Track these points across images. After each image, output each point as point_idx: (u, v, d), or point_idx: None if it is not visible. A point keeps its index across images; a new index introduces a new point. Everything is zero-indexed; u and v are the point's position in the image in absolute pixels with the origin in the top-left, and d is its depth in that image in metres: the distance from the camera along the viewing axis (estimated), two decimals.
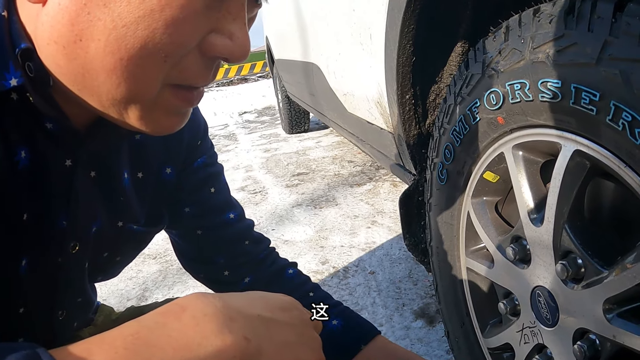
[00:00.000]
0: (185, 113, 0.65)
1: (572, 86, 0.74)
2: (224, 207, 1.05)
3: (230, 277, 1.07)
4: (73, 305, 0.82)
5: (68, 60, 0.55)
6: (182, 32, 0.54)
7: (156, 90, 0.58)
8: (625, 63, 0.66)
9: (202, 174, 1.00)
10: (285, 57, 4.17)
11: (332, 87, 2.36)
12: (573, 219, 0.84)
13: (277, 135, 6.45)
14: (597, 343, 0.83)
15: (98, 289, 2.51)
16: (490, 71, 0.93)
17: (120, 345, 0.46)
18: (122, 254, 0.89)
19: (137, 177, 0.86)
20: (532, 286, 0.95)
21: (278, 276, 1.09)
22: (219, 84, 17.03)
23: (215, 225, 1.03)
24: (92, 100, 0.58)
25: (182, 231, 1.04)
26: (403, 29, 1.22)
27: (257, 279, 1.07)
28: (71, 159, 0.69)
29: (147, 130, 0.62)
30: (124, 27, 0.52)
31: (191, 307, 0.52)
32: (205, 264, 1.08)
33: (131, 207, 0.85)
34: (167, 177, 0.93)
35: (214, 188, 1.03)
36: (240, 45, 0.59)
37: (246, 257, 1.07)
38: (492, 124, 0.96)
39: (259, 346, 0.53)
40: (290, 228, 3.09)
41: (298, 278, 1.10)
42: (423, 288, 2.18)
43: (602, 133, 0.71)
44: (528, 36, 0.84)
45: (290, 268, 1.11)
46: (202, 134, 0.99)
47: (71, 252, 0.74)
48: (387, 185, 3.60)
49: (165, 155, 0.91)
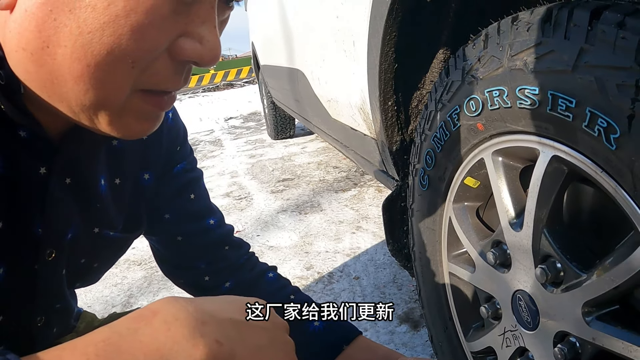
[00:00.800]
0: (157, 117, 0.64)
1: (549, 93, 0.75)
2: (204, 213, 1.05)
3: (211, 282, 1.07)
4: (52, 312, 0.82)
5: (36, 66, 0.55)
6: (148, 38, 0.54)
7: (124, 95, 0.57)
8: (601, 70, 0.67)
9: (181, 179, 1.00)
10: (271, 63, 4.17)
11: (317, 93, 2.36)
12: (552, 223, 0.85)
13: (263, 141, 6.45)
14: (578, 346, 0.84)
15: (83, 295, 2.51)
16: (470, 78, 0.94)
17: (91, 351, 0.46)
18: (100, 260, 0.89)
19: (115, 184, 0.85)
20: (512, 290, 0.96)
21: (258, 280, 1.09)
22: (205, 89, 16.99)
23: (195, 231, 1.03)
24: (62, 107, 0.58)
25: (162, 237, 1.03)
26: (385, 36, 1.23)
27: (237, 284, 1.07)
28: (46, 167, 0.68)
29: (118, 135, 0.61)
30: (89, 33, 0.51)
31: (162, 311, 0.51)
32: (186, 270, 1.08)
33: (108, 213, 0.84)
34: (145, 183, 0.92)
35: (193, 194, 1.03)
36: (210, 49, 0.58)
37: (226, 262, 1.07)
38: (472, 130, 0.97)
39: (231, 350, 0.53)
40: (275, 234, 3.08)
41: (278, 282, 1.10)
42: (407, 293, 2.18)
43: (579, 139, 0.72)
44: (506, 44, 0.85)
45: (270, 272, 1.12)
46: (181, 139, 0.99)
47: (47, 259, 0.73)
48: (371, 190, 3.61)
49: (144, 161, 0.91)
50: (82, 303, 2.39)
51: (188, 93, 16.08)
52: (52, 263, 0.75)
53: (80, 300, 1.07)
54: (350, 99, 1.74)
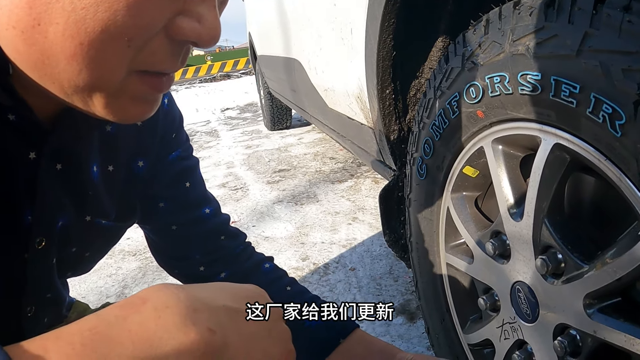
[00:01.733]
0: (155, 100, 0.61)
1: (552, 78, 0.73)
2: (199, 201, 1.03)
3: (206, 272, 1.05)
4: (42, 301, 0.80)
5: (27, 45, 0.52)
6: (145, 14, 0.51)
7: (121, 76, 0.54)
8: (606, 55, 0.65)
9: (177, 167, 0.98)
10: (268, 53, 4.15)
11: (314, 82, 2.35)
12: (553, 213, 0.83)
13: (259, 131, 6.44)
14: (578, 338, 0.83)
15: (77, 286, 2.50)
16: (470, 64, 0.93)
17: (77, 340, 0.44)
18: (92, 250, 0.87)
19: (107, 170, 0.83)
20: (511, 281, 0.95)
21: (254, 271, 1.08)
22: (202, 80, 16.98)
23: (190, 220, 1.02)
24: (54, 88, 0.55)
25: (157, 226, 1.02)
26: (383, 23, 1.21)
27: (233, 274, 1.06)
28: (35, 152, 0.66)
29: (114, 119, 0.59)
30: (83, 9, 0.48)
31: (152, 299, 0.49)
32: (181, 260, 1.06)
33: (100, 201, 0.82)
34: (139, 171, 0.90)
35: (189, 182, 1.01)
36: (210, 28, 0.55)
37: (222, 252, 1.06)
38: (471, 118, 0.96)
39: (224, 338, 0.51)
40: (271, 224, 3.07)
41: (275, 272, 1.09)
42: (404, 284, 2.17)
43: (582, 126, 0.71)
44: (508, 29, 0.83)
45: (266, 262, 1.10)
46: (177, 126, 0.97)
47: (37, 247, 0.71)
48: (368, 181, 3.59)
49: (138, 148, 0.89)
50: (76, 294, 2.38)
51: (185, 84, 16.07)
52: (42, 252, 0.73)
53: (74, 291, 1.05)
54: (348, 88, 1.72)
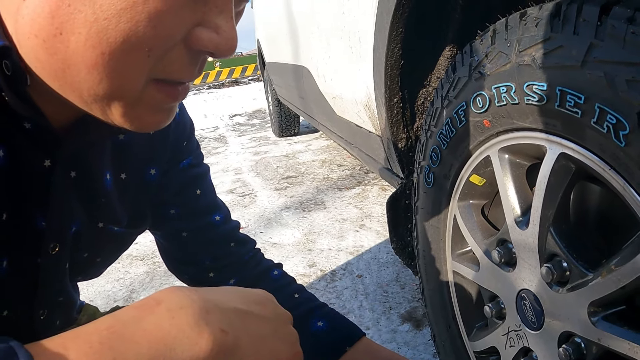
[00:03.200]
0: (171, 109, 0.63)
1: (558, 89, 0.74)
2: (210, 208, 1.05)
3: (215, 279, 1.06)
4: (54, 305, 0.81)
5: (48, 54, 0.53)
6: (166, 25, 0.52)
7: (140, 85, 0.56)
8: (610, 65, 0.66)
9: (188, 175, 1.00)
10: (276, 60, 4.16)
11: (322, 90, 2.36)
12: (558, 222, 0.84)
13: (267, 138, 6.45)
14: (583, 346, 0.83)
15: (85, 290, 2.51)
16: (477, 74, 0.93)
17: (95, 340, 0.46)
18: (103, 255, 0.88)
19: (120, 178, 0.85)
20: (517, 289, 0.95)
21: (263, 277, 1.08)
22: (210, 86, 17.02)
23: (201, 227, 1.03)
24: (74, 97, 0.56)
25: (167, 233, 1.03)
26: (392, 32, 1.22)
27: (242, 280, 1.07)
28: (50, 159, 0.67)
29: (131, 127, 0.60)
30: (105, 19, 0.49)
31: (167, 300, 0.51)
32: (190, 265, 1.07)
33: (112, 208, 0.84)
34: (151, 178, 0.92)
35: (199, 190, 1.02)
36: (227, 39, 0.56)
37: (231, 258, 1.07)
38: (478, 127, 0.96)
39: (236, 339, 0.52)
40: (279, 231, 3.08)
41: (283, 279, 1.10)
42: (410, 292, 2.18)
43: (587, 136, 0.71)
44: (514, 39, 0.84)
45: (275, 269, 1.11)
46: (188, 134, 0.98)
47: (50, 253, 0.73)
48: (375, 189, 3.60)
49: (150, 156, 0.90)
50: (84, 297, 2.39)
51: (193, 90, 16.10)
52: (55, 257, 0.74)
53: (82, 295, 1.06)
54: (356, 96, 1.73)
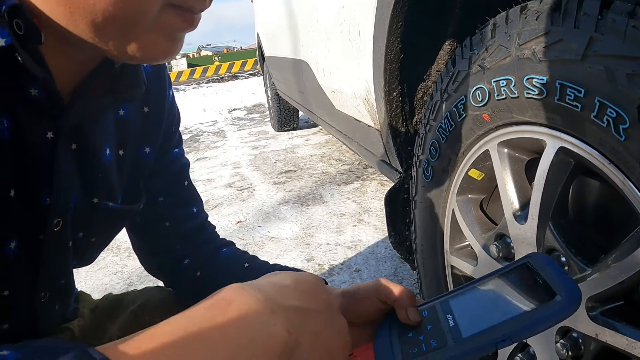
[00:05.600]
0: (181, 39, 0.62)
1: (558, 82, 0.74)
2: (191, 200, 1.06)
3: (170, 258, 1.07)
4: (55, 287, 0.81)
5: None
6: None
7: (157, 7, 0.55)
8: (611, 59, 0.66)
9: (178, 164, 1.01)
10: (276, 55, 4.16)
11: (321, 84, 2.35)
12: (557, 216, 0.84)
13: (266, 132, 6.44)
14: (580, 341, 0.83)
15: (82, 283, 2.51)
16: (477, 67, 0.93)
17: (169, 341, 0.45)
18: (97, 235, 0.87)
19: (118, 154, 0.84)
20: None
21: (215, 254, 1.09)
22: (209, 80, 17.01)
23: (182, 217, 1.04)
24: (86, 27, 0.55)
25: (151, 220, 1.03)
26: (391, 26, 1.22)
27: (195, 259, 1.07)
28: (53, 131, 0.66)
29: (143, 57, 0.59)
30: None
31: (236, 300, 0.51)
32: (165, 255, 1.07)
33: (109, 183, 0.83)
34: (146, 156, 0.92)
35: (187, 181, 1.04)
36: None
37: (199, 244, 1.08)
38: (477, 121, 0.96)
39: (297, 338, 0.53)
40: (277, 225, 3.07)
41: (234, 253, 1.10)
42: (408, 286, 2.17)
43: (587, 130, 0.71)
44: (515, 32, 0.84)
45: (226, 247, 1.11)
46: (177, 122, 1.00)
47: (55, 230, 0.71)
48: (374, 184, 3.60)
49: (145, 134, 0.90)
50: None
51: (192, 84, 16.09)
52: (58, 234, 0.73)
53: (79, 288, 1.06)
54: (355, 90, 1.73)
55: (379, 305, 0.73)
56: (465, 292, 0.69)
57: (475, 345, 0.59)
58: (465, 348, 0.59)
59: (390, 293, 0.72)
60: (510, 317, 0.59)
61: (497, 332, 0.58)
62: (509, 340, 0.57)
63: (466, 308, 0.66)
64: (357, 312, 0.73)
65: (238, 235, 2.95)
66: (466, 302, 0.67)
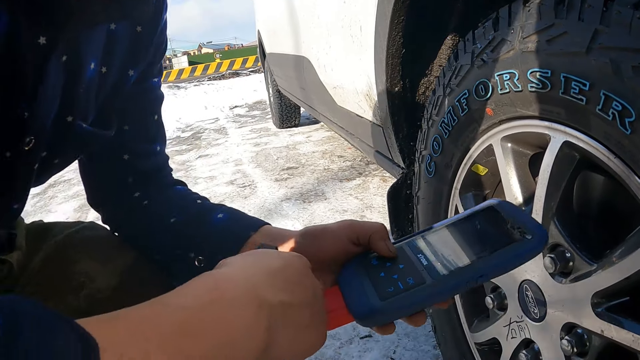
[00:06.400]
0: None
1: (562, 76, 0.73)
2: (157, 136, 1.02)
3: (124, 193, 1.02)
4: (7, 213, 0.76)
5: None
6: None
7: None
8: (616, 52, 0.65)
9: (153, 95, 0.97)
10: (277, 51, 4.15)
11: (323, 80, 2.35)
12: (561, 212, 0.83)
13: (268, 129, 6.44)
14: (585, 338, 0.82)
15: None
16: (480, 62, 0.92)
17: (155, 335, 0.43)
18: (61, 156, 0.81)
19: (101, 71, 0.79)
20: (519, 280, 0.94)
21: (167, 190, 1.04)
22: (211, 77, 17.01)
23: (144, 152, 0.99)
24: None
25: (109, 151, 0.97)
26: (393, 21, 1.21)
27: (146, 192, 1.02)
28: (46, 37, 0.62)
29: None
30: None
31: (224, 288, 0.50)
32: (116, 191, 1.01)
33: (86, 101, 0.78)
34: (128, 79, 0.88)
35: (157, 115, 1.00)
36: None
37: (153, 183, 1.03)
38: (480, 116, 0.95)
39: (273, 337, 0.52)
40: (279, 222, 3.07)
41: (186, 191, 1.05)
42: None
43: (592, 123, 0.70)
44: (518, 26, 0.83)
45: (180, 185, 1.07)
46: (162, 50, 0.95)
47: (24, 148, 0.66)
48: (376, 180, 3.59)
49: (132, 55, 0.86)
50: None
51: (193, 81, 16.09)
52: (27, 154, 0.68)
53: None
54: (357, 86, 1.72)
55: (348, 247, 0.72)
56: (432, 233, 0.70)
57: (454, 282, 0.60)
58: (444, 285, 0.61)
59: (365, 228, 0.71)
60: (485, 255, 0.61)
61: (473, 269, 0.60)
62: (485, 277, 0.60)
63: (437, 248, 0.67)
64: (321, 255, 0.73)
65: None
66: (436, 243, 0.68)
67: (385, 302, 0.60)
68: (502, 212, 0.67)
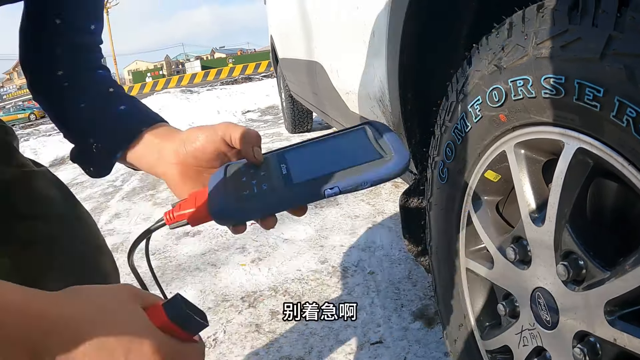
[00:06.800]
0: None
1: (576, 82, 0.73)
2: (94, 14, 0.97)
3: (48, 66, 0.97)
4: None
5: None
6: None
7: None
8: (630, 58, 0.65)
9: None
10: (289, 56, 4.16)
11: (335, 85, 2.35)
12: (575, 219, 0.82)
13: (280, 134, 6.45)
14: (598, 346, 0.81)
15: None
16: (493, 67, 0.92)
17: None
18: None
19: None
20: (532, 287, 0.94)
21: (90, 72, 0.99)
22: (223, 82, 17.06)
23: (76, 25, 0.95)
24: None
25: (42, 9, 0.93)
26: (406, 27, 1.21)
27: (69, 72, 0.97)
28: None
29: None
30: None
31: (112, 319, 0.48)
32: (38, 53, 0.97)
33: None
34: None
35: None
36: None
37: (80, 61, 0.98)
38: (494, 122, 0.95)
39: None
40: (291, 227, 3.07)
41: (107, 77, 1.01)
42: (422, 289, 2.16)
43: (606, 130, 0.70)
44: (532, 32, 0.83)
45: (103, 70, 1.01)
46: None
47: None
48: (388, 185, 3.58)
49: None
50: None
51: (206, 86, 16.13)
52: None
53: None
54: (369, 91, 1.72)
55: (222, 146, 0.75)
56: (302, 147, 0.74)
57: (304, 190, 0.64)
58: (294, 193, 0.65)
59: (238, 131, 0.73)
60: (341, 169, 0.64)
61: (326, 180, 0.63)
62: (336, 188, 0.63)
63: (301, 160, 0.70)
64: (198, 155, 0.77)
65: (251, 237, 2.95)
66: (301, 155, 0.72)
67: (238, 203, 0.65)
68: (374, 132, 0.70)
